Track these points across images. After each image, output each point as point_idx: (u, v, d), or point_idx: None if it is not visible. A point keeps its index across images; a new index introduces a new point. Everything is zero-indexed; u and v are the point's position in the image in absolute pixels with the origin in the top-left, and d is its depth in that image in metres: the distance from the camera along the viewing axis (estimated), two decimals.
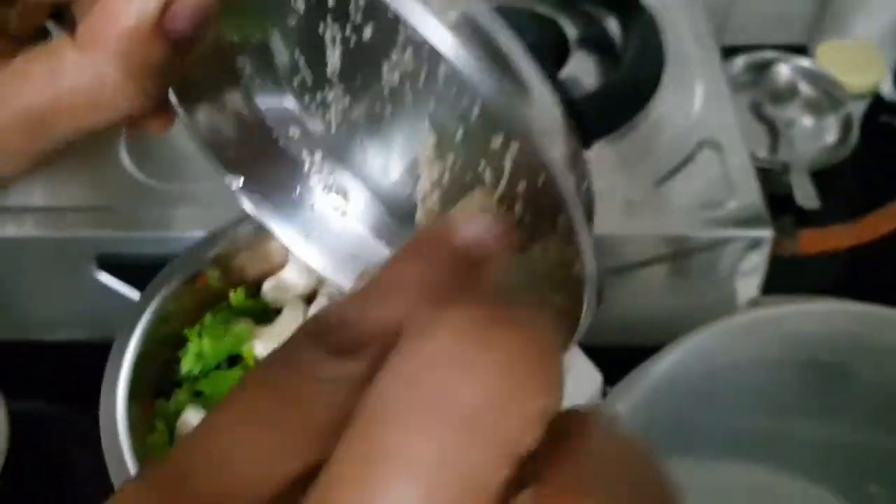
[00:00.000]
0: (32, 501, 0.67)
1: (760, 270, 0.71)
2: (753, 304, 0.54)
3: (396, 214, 0.34)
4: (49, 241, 0.71)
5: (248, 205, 0.33)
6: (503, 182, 0.27)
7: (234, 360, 0.50)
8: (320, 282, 0.49)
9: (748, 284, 0.72)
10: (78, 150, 0.79)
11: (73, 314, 0.76)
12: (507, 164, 0.27)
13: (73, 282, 0.72)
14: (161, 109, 0.33)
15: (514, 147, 0.26)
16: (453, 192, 0.29)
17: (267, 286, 0.53)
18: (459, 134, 0.28)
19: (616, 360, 0.57)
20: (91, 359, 0.51)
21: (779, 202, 0.78)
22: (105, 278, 0.71)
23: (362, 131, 0.31)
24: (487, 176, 0.27)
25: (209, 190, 0.69)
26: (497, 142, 0.27)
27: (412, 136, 0.30)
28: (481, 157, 0.27)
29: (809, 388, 0.52)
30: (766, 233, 0.68)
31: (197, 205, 0.69)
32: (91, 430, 0.46)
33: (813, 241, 0.72)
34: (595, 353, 0.58)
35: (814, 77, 0.86)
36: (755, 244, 0.69)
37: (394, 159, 0.31)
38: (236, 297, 0.53)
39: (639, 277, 0.72)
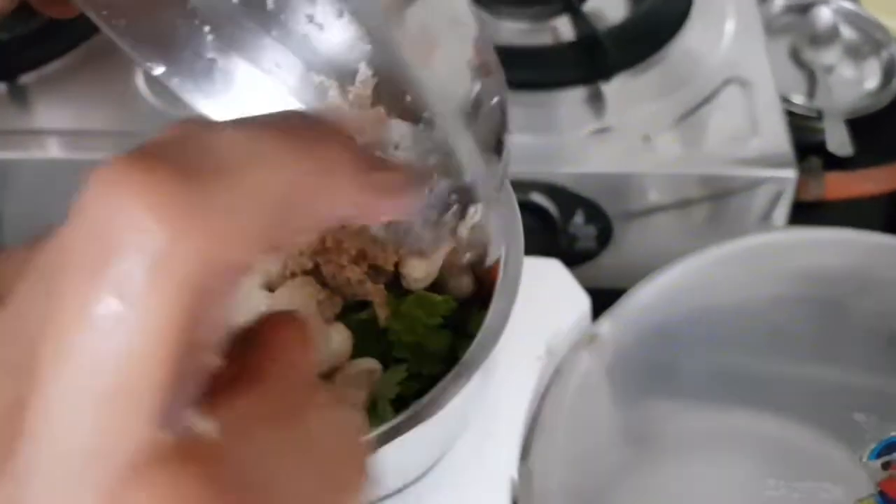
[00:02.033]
0: None
1: (783, 216, 0.68)
2: (754, 231, 0.51)
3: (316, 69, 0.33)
4: (70, 163, 0.71)
5: (175, 87, 0.33)
6: None
7: None
8: None
9: None
10: (99, 77, 0.79)
11: None
12: None
13: None
14: None
15: None
16: None
17: None
18: None
19: None
20: None
21: (813, 152, 0.75)
22: None
23: None
24: None
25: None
26: None
27: None
28: None
29: (803, 325, 0.50)
30: (790, 174, 0.65)
31: None
32: None
33: (839, 185, 0.69)
34: (605, 295, 0.56)
35: (857, 20, 0.82)
36: (777, 186, 0.66)
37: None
38: None
39: (652, 221, 0.70)
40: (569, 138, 0.68)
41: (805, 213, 0.70)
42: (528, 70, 0.71)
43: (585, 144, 0.68)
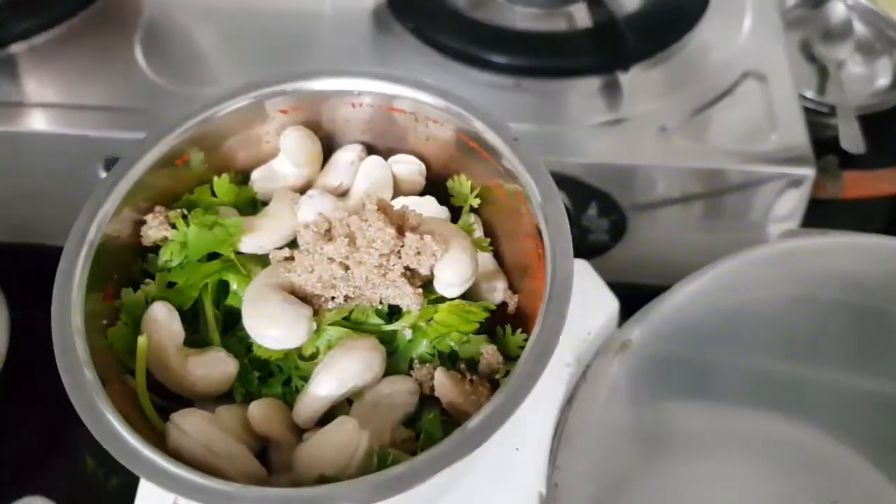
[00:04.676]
0: (28, 408, 0.66)
1: (799, 214, 0.67)
2: (789, 234, 0.50)
3: None
4: (58, 138, 0.68)
5: None
6: None
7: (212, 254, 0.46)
8: (314, 173, 0.45)
9: (784, 229, 0.68)
10: (94, 49, 0.76)
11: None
12: None
13: (79, 185, 0.69)
14: None
15: None
16: None
17: (256, 175, 0.49)
18: None
19: (642, 301, 0.52)
20: None
21: (823, 147, 0.74)
22: None
23: None
24: None
25: None
26: None
27: None
28: None
29: (840, 333, 0.48)
30: (808, 171, 0.64)
31: None
32: None
33: (858, 184, 0.67)
34: (617, 290, 0.54)
35: (870, 16, 0.81)
36: (795, 184, 0.65)
37: None
38: (220, 183, 0.48)
39: (667, 215, 0.68)
40: (583, 128, 0.66)
41: (816, 211, 0.69)
42: (542, 57, 0.68)
43: (600, 135, 0.66)
